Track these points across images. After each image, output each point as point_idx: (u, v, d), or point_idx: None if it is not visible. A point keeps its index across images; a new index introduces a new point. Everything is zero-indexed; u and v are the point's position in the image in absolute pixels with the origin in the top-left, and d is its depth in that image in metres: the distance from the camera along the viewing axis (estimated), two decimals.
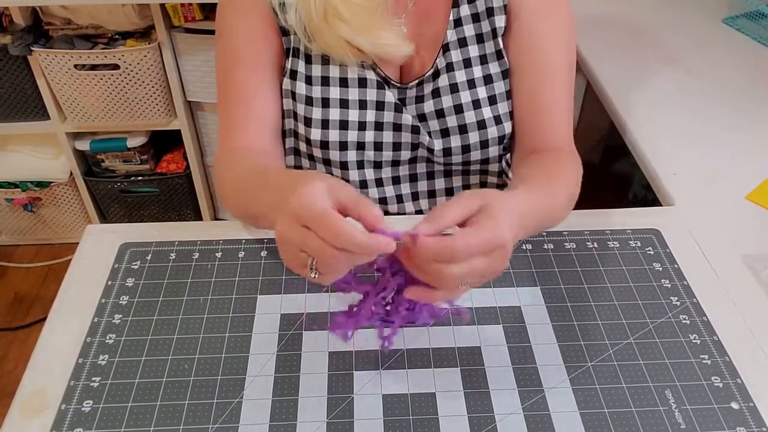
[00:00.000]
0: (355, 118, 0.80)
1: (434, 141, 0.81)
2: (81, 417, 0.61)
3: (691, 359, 0.66)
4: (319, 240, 0.50)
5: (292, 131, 0.84)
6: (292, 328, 0.69)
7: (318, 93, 0.80)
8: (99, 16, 1.53)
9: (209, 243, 0.79)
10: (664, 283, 0.74)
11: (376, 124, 0.81)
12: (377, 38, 0.75)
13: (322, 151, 0.81)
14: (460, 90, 0.79)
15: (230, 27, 0.81)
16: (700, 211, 0.86)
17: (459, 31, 0.79)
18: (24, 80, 1.62)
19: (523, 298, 0.72)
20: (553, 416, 0.61)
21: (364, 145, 0.81)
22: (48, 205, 1.87)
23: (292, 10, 0.75)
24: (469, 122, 0.80)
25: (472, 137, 0.80)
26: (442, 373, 0.65)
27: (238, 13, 0.79)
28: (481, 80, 0.80)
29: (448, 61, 0.79)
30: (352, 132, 0.80)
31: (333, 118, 0.79)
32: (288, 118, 0.83)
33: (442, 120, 0.80)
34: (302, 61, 0.80)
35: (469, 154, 0.81)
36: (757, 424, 0.61)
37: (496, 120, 0.80)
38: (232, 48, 0.81)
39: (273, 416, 0.61)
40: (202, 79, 1.65)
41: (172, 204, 1.90)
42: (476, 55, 0.80)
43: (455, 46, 0.79)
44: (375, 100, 0.80)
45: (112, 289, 0.73)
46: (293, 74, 0.80)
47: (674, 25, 1.32)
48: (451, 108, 0.80)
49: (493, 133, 0.80)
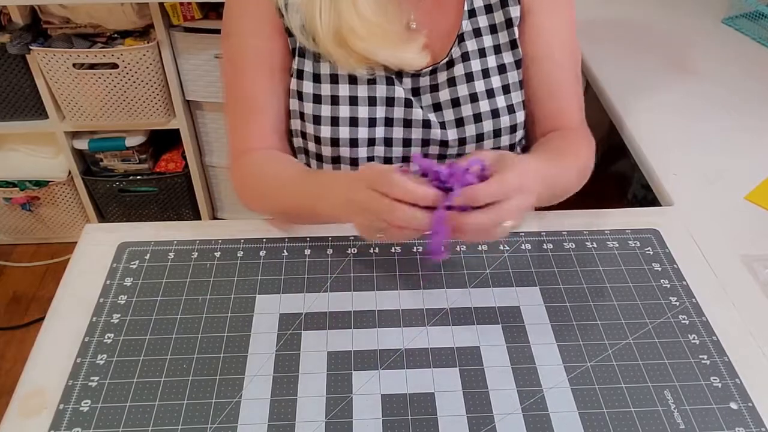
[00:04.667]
0: (365, 114, 0.80)
1: (448, 131, 0.81)
2: (79, 417, 0.61)
3: (690, 359, 0.66)
4: (381, 196, 0.60)
5: (299, 132, 0.84)
6: (291, 328, 0.69)
7: (327, 90, 0.80)
8: (98, 15, 1.53)
9: (208, 242, 0.79)
10: (664, 284, 0.74)
11: (386, 120, 0.81)
12: (396, 52, 0.77)
13: (332, 149, 0.82)
14: (475, 79, 0.81)
15: (237, 28, 0.81)
16: (699, 211, 0.86)
17: (473, 22, 0.81)
18: (22, 79, 1.62)
19: (522, 298, 0.72)
20: (552, 416, 0.61)
21: (374, 141, 0.81)
22: (46, 204, 1.87)
23: (296, 12, 0.76)
24: (483, 111, 0.81)
25: (486, 126, 0.81)
26: (441, 372, 0.65)
27: (245, 13, 0.80)
28: (495, 69, 0.82)
29: (464, 50, 0.81)
30: (362, 129, 0.80)
31: (343, 115, 0.80)
32: (294, 118, 0.83)
33: (457, 109, 0.81)
34: (309, 60, 0.80)
35: (482, 143, 0.83)
36: (756, 424, 0.61)
37: (509, 109, 0.82)
38: (239, 49, 0.81)
39: (272, 416, 0.61)
40: (201, 78, 1.65)
41: (171, 203, 1.89)
42: (490, 45, 0.82)
43: (470, 36, 0.81)
44: (385, 96, 0.80)
45: (111, 288, 0.73)
46: (300, 74, 0.80)
47: (674, 25, 1.32)
48: (467, 97, 0.81)
49: (506, 122, 0.82)
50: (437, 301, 0.72)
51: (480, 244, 0.78)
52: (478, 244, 0.78)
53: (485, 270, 0.75)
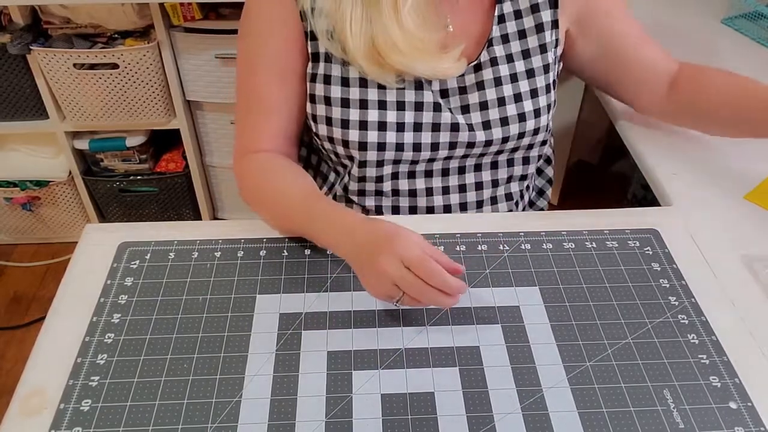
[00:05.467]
0: (394, 119, 0.80)
1: (476, 133, 0.82)
2: (80, 416, 0.61)
3: (690, 359, 0.66)
4: (414, 278, 0.62)
5: (326, 137, 0.83)
6: (291, 328, 0.69)
7: (356, 95, 0.80)
8: (98, 15, 1.53)
9: (208, 242, 0.79)
10: (663, 283, 0.74)
11: (414, 125, 0.81)
12: (435, 63, 0.77)
13: (359, 153, 0.82)
14: (504, 84, 0.82)
15: (255, 29, 0.81)
16: (698, 211, 0.86)
17: (502, 27, 0.82)
18: (23, 79, 1.62)
19: (521, 298, 0.72)
20: (551, 416, 0.61)
21: (403, 146, 0.82)
22: (47, 204, 1.87)
23: (322, 16, 0.76)
24: (510, 114, 0.82)
25: (513, 129, 0.83)
26: (441, 372, 0.65)
27: (262, 14, 0.80)
28: (523, 74, 0.83)
29: (492, 55, 0.82)
30: (390, 133, 0.81)
31: (371, 119, 0.80)
32: (321, 123, 0.83)
33: (485, 112, 0.82)
34: (337, 65, 0.80)
35: (506, 144, 0.84)
36: (755, 423, 0.61)
37: (536, 113, 0.83)
38: (254, 49, 0.81)
39: (272, 415, 0.61)
40: (202, 78, 1.65)
41: (171, 203, 1.90)
42: (518, 50, 0.83)
43: (498, 42, 0.82)
44: (414, 102, 0.80)
45: (111, 288, 0.73)
46: (327, 79, 0.80)
47: (674, 25, 1.32)
48: (495, 101, 0.82)
49: (531, 126, 0.84)
50: None
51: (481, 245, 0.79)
52: (477, 243, 0.78)
53: (485, 270, 0.75)
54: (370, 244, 0.66)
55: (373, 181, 0.85)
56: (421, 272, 0.62)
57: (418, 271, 0.62)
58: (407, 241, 0.64)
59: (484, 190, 0.89)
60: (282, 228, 0.80)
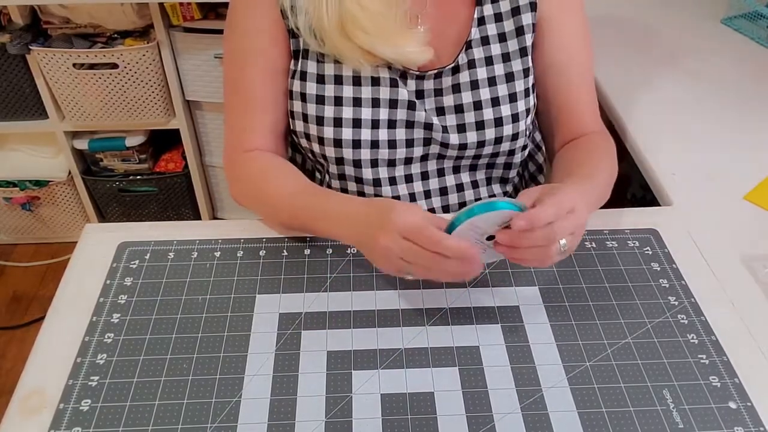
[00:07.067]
0: (369, 116, 0.80)
1: (450, 135, 0.82)
2: (79, 416, 0.61)
3: (689, 359, 0.66)
4: (417, 248, 0.62)
5: (303, 133, 0.83)
6: (291, 328, 0.69)
7: (331, 92, 0.80)
8: (98, 15, 1.53)
9: (208, 242, 0.79)
10: (662, 283, 0.74)
11: (389, 122, 0.81)
12: (399, 46, 0.76)
13: (335, 150, 0.82)
14: (480, 87, 0.81)
15: (241, 26, 0.81)
16: (698, 211, 0.86)
17: (482, 30, 0.81)
18: (22, 79, 1.62)
19: (521, 298, 0.72)
20: (551, 416, 0.61)
21: (378, 144, 0.81)
22: (46, 204, 1.87)
23: (302, 13, 0.76)
24: (486, 119, 0.81)
25: (489, 134, 0.82)
26: (441, 372, 0.65)
27: (248, 12, 0.80)
28: (502, 78, 0.82)
29: (470, 58, 0.81)
30: (365, 130, 0.80)
31: (346, 116, 0.80)
32: (298, 120, 0.83)
33: (460, 115, 0.81)
34: (313, 62, 0.80)
35: (482, 149, 0.83)
36: (754, 423, 0.61)
37: (513, 118, 0.82)
38: (241, 48, 0.81)
39: (271, 415, 0.61)
40: (201, 78, 1.65)
41: (171, 203, 1.90)
42: (498, 53, 0.82)
43: (477, 44, 0.81)
44: (388, 99, 0.80)
45: (111, 288, 0.73)
46: (303, 75, 0.80)
47: (673, 25, 1.32)
48: (471, 104, 0.81)
49: (509, 131, 0.82)
50: (437, 300, 0.72)
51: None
52: None
53: (485, 270, 0.75)
54: (369, 226, 0.67)
55: (354, 181, 0.85)
56: (419, 240, 0.62)
57: (417, 240, 0.62)
58: (403, 213, 0.64)
59: (466, 192, 0.88)
60: (286, 227, 0.80)
